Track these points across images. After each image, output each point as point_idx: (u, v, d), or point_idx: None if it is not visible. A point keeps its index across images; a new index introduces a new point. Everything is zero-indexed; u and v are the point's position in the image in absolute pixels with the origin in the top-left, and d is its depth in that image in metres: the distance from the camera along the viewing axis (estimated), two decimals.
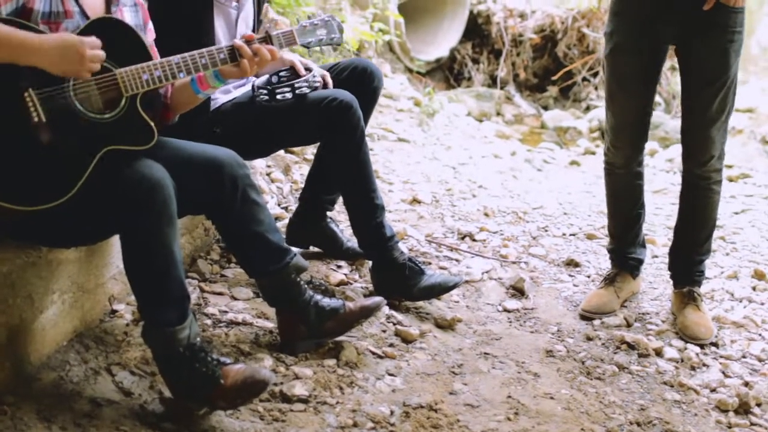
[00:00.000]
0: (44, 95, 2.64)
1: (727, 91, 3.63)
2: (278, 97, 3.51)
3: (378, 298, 3.38)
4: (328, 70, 3.80)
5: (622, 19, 3.69)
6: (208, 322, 3.32)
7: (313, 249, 4.05)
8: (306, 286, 3.26)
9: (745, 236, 5.00)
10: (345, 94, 3.56)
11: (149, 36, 3.02)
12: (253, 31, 3.61)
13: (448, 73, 8.38)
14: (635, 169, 3.89)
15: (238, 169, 2.99)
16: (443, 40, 8.38)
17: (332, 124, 3.55)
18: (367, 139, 3.67)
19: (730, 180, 6.21)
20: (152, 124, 2.80)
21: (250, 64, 2.99)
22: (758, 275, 4.41)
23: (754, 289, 4.29)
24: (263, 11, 3.78)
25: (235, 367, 2.80)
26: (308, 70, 3.65)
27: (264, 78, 3.52)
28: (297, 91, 3.52)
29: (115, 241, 2.81)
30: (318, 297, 3.26)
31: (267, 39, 3.07)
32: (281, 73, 3.61)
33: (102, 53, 2.67)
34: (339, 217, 4.12)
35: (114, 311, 3.21)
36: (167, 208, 2.68)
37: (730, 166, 6.44)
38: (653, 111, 3.90)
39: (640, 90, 3.74)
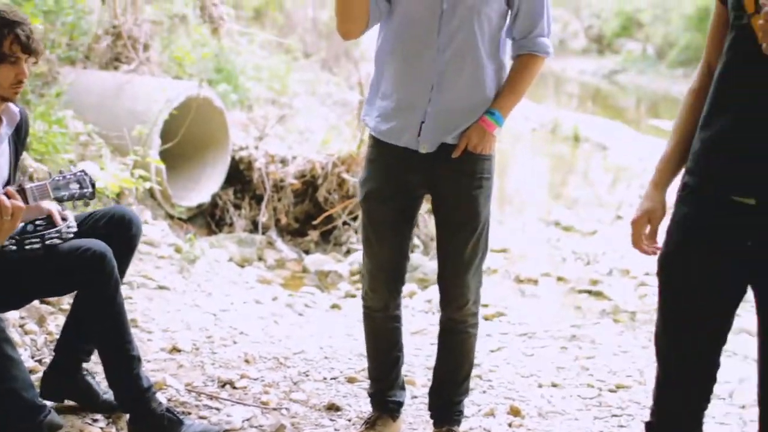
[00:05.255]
0: None
1: (479, 236, 3.74)
2: (26, 247, 3.43)
3: None
4: (85, 219, 3.75)
5: (375, 167, 3.77)
6: None
7: (68, 402, 3.92)
8: None
9: (501, 374, 5.16)
10: (98, 244, 3.51)
11: None
12: (9, 182, 3.53)
13: (210, 218, 8.38)
14: (393, 312, 3.96)
15: None
16: (205, 186, 8.41)
17: (85, 275, 3.49)
18: (126, 287, 3.63)
19: (486, 319, 6.43)
20: None
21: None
22: (514, 411, 4.55)
23: (510, 425, 4.41)
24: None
25: None
26: (65, 219, 3.60)
27: (18, 227, 3.43)
28: (47, 242, 3.45)
29: None
30: None
31: (21, 192, 3.02)
32: (37, 222, 3.54)
33: None
34: (96, 368, 4.00)
35: None
36: None
37: (486, 305, 6.68)
38: (411, 253, 4.01)
39: (395, 236, 3.81)
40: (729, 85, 2.71)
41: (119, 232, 3.75)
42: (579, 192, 12.29)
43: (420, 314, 6.42)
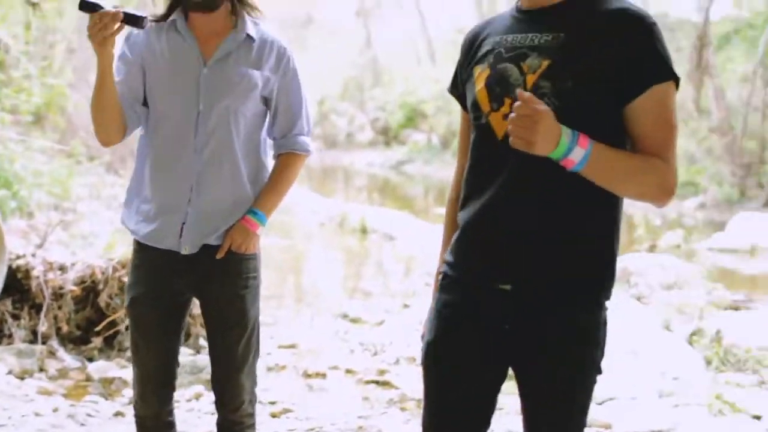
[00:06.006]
0: None
1: (249, 336, 3.77)
2: None
3: None
4: None
5: (140, 272, 3.77)
6: None
7: None
8: None
9: None
10: None
11: None
12: None
13: None
14: (166, 419, 3.92)
15: None
16: None
17: None
18: None
19: (274, 416, 6.43)
20: None
21: None
22: None
23: None
24: None
25: None
26: None
27: None
28: None
29: None
30: None
31: None
32: None
33: None
34: None
35: None
36: None
37: (273, 402, 6.69)
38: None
39: (163, 341, 3.80)
40: (475, 180, 2.89)
41: None
42: (370, 283, 12.48)
43: (206, 416, 6.36)
